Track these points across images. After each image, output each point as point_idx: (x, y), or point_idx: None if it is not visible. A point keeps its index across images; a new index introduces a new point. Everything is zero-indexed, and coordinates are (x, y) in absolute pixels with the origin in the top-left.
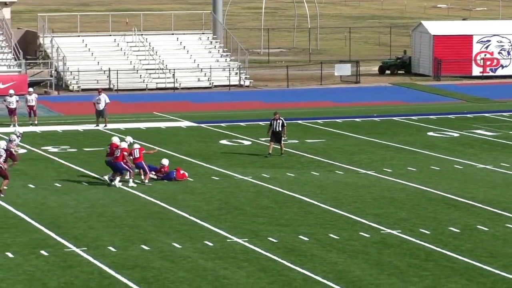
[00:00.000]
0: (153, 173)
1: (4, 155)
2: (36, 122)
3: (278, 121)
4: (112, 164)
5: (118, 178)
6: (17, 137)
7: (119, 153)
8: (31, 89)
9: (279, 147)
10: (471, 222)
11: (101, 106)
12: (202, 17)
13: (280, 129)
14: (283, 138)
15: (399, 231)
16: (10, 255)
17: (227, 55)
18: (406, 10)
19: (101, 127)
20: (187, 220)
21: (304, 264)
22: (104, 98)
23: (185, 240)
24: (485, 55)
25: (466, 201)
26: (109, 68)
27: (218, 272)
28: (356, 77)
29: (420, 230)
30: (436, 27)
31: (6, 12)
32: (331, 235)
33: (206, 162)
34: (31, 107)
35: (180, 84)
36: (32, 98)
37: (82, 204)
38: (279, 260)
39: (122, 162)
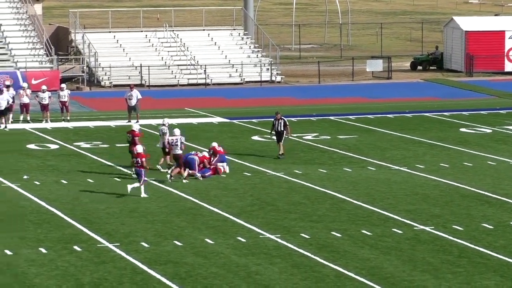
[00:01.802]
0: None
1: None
2: (68, 118)
3: (280, 121)
4: (185, 159)
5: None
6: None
7: (196, 156)
8: (63, 85)
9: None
10: (504, 219)
11: (133, 102)
12: (233, 13)
13: (282, 129)
14: (284, 137)
15: (432, 227)
16: (43, 250)
17: (258, 51)
18: (438, 5)
19: (133, 122)
20: (220, 216)
21: (337, 260)
22: (136, 94)
23: (217, 236)
24: None
25: (499, 197)
26: (141, 64)
27: (251, 268)
28: (388, 73)
29: (453, 226)
30: (468, 23)
31: (38, 8)
32: (364, 231)
33: (238, 158)
34: (63, 103)
35: (211, 80)
36: (65, 94)
37: (115, 199)
38: (312, 256)
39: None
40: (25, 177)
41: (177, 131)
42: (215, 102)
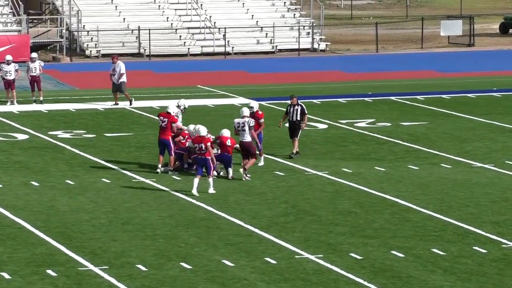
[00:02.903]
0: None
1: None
2: (41, 98)
3: (296, 107)
4: (220, 158)
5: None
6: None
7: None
8: (34, 54)
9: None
10: None
11: (116, 77)
12: None
13: (299, 118)
14: (300, 131)
15: None
16: (5, 276)
17: (295, 9)
18: None
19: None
20: (242, 230)
21: None
22: (119, 68)
23: (239, 256)
24: None
25: None
26: (139, 27)
27: None
28: (469, 38)
29: None
30: None
31: None
32: (435, 250)
33: (267, 152)
34: (34, 78)
35: (233, 48)
36: (35, 66)
37: (102, 207)
38: (365, 283)
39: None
40: None
41: (246, 111)
42: (237, 78)
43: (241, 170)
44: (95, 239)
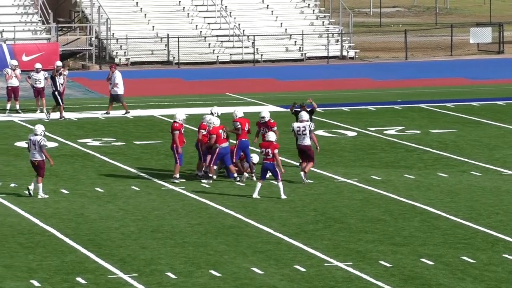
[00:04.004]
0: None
1: None
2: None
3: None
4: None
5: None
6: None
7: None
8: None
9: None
10: None
11: (113, 88)
12: None
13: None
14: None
15: None
16: (35, 283)
17: (324, 16)
18: None
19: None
20: (271, 237)
21: None
22: (114, 78)
23: (268, 263)
24: None
25: None
26: (168, 35)
27: None
28: (499, 46)
29: None
30: None
31: None
32: (465, 257)
33: (296, 160)
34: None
35: (262, 55)
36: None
37: (131, 215)
38: None
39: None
40: (12, 185)
41: (305, 115)
42: (266, 85)
43: (302, 173)
44: (125, 246)
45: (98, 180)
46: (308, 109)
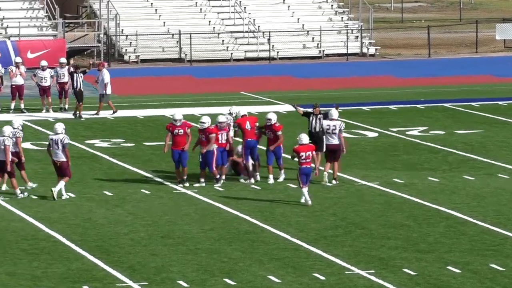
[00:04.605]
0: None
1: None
2: (66, 106)
3: (319, 116)
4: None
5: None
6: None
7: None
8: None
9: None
10: None
11: (100, 87)
12: None
13: (321, 129)
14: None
15: None
16: None
17: (343, 12)
18: None
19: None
20: (289, 243)
21: None
22: (102, 77)
23: (285, 271)
24: None
25: None
26: (180, 31)
27: None
28: None
29: None
30: None
31: None
32: (493, 265)
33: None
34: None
35: (278, 52)
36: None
37: (141, 220)
38: None
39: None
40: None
41: (335, 113)
42: (282, 84)
43: (325, 173)
44: (134, 253)
45: (106, 183)
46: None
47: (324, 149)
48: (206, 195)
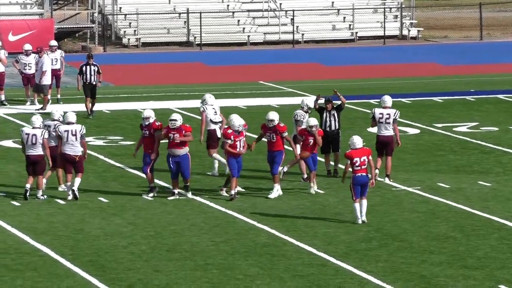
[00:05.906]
0: None
1: None
2: (59, 96)
3: (332, 112)
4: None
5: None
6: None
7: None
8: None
9: (332, 162)
10: None
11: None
12: None
13: (337, 127)
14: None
15: None
16: None
17: None
18: None
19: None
20: (314, 258)
21: None
22: (42, 64)
23: None
24: None
25: None
26: (188, 10)
27: None
28: None
29: None
30: None
31: None
32: None
33: (343, 163)
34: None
35: (303, 35)
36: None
37: (143, 231)
38: None
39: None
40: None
41: (388, 100)
42: (307, 72)
43: (377, 170)
44: (134, 269)
45: (101, 188)
46: (335, 105)
47: (376, 141)
48: (218, 202)
